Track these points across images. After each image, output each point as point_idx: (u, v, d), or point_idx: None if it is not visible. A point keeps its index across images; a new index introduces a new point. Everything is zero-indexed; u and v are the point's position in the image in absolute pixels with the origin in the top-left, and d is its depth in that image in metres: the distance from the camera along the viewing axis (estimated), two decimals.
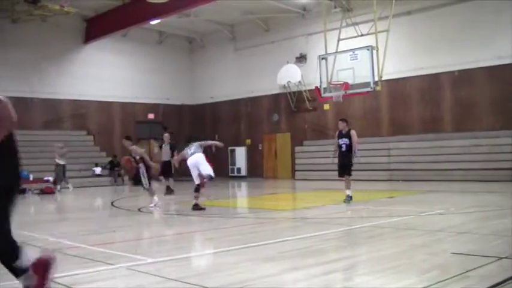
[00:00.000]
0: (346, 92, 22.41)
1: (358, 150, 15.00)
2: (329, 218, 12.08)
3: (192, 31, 34.93)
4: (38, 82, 29.46)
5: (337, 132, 15.21)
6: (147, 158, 15.42)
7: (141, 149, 15.73)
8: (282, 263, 6.97)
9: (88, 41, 31.46)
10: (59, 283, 6.10)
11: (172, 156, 19.26)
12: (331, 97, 23.41)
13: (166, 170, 20.21)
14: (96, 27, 30.83)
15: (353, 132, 14.85)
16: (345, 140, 14.78)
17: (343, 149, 14.82)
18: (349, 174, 14.84)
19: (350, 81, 22.15)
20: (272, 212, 14.11)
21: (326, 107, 28.51)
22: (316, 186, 22.31)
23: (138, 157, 15.16)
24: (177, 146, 20.05)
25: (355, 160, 14.75)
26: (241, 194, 23.38)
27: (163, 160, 20.26)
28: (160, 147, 20.71)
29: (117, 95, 32.39)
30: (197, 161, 14.04)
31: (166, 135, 20.74)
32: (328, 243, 8.76)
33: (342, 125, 14.99)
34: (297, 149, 29.91)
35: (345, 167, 14.82)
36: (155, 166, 17.25)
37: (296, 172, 29.23)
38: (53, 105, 30.17)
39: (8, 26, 27.75)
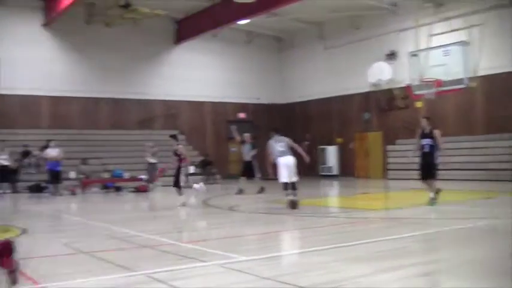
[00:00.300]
0: (438, 89, 21.90)
1: (443, 149, 13.95)
2: (423, 219, 11.85)
3: (281, 30, 34.99)
4: (131, 83, 30.31)
5: (419, 131, 14.21)
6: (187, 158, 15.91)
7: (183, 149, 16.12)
8: (375, 264, 6.89)
9: (178, 42, 32.06)
10: (155, 278, 6.27)
11: (254, 155, 19.58)
12: (423, 94, 22.94)
13: (247, 170, 20.22)
14: (186, 29, 31.38)
15: (437, 132, 13.78)
16: (428, 140, 13.77)
17: (426, 149, 13.79)
18: (434, 178, 13.84)
19: (443, 78, 21.63)
20: (364, 211, 13.96)
21: (418, 104, 27.87)
22: (409, 186, 21.89)
23: (182, 156, 15.72)
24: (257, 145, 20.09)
25: (439, 161, 13.78)
26: (332, 194, 23.24)
27: (244, 160, 20.40)
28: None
29: (208, 95, 32.84)
30: (292, 165, 14.21)
31: (247, 135, 20.84)
32: (422, 244, 8.59)
33: (424, 123, 14.00)
34: (389, 147, 29.42)
35: (428, 170, 13.80)
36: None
37: (388, 171, 28.77)
38: (146, 105, 30.92)
39: (102, 30, 28.66)
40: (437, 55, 21.98)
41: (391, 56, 28.94)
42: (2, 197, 20.96)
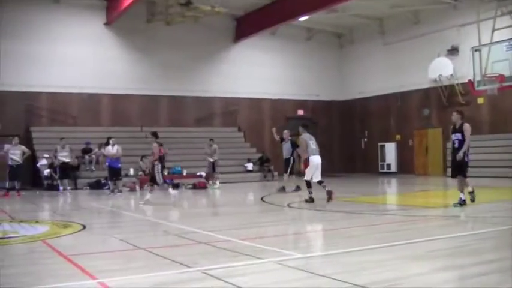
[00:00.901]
0: (501, 85, 21.35)
1: (469, 146, 13.09)
2: (484, 217, 11.56)
3: (340, 26, 34.75)
4: (191, 81, 30.59)
5: (451, 127, 13.55)
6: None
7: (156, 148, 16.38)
8: (432, 262, 6.75)
9: (238, 40, 32.17)
10: (211, 275, 6.27)
11: (293, 153, 19.50)
12: (486, 90, 22.41)
13: (287, 167, 20.15)
14: (246, 26, 31.46)
15: (466, 127, 12.90)
16: (458, 136, 13.00)
17: (456, 145, 13.06)
18: (464, 176, 13.01)
19: (506, 73, 21.08)
20: (423, 209, 13.72)
21: (480, 100, 27.28)
22: (470, 183, 21.43)
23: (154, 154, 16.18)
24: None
25: (469, 158, 13.04)
26: (391, 191, 22.94)
27: (285, 158, 20.37)
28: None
29: (267, 92, 32.86)
30: (320, 165, 15.00)
31: (285, 132, 20.77)
32: (483, 243, 8.36)
33: (455, 118, 13.18)
34: (449, 144, 28.82)
35: (458, 167, 13.05)
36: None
37: (448, 169, 28.16)
38: (205, 103, 31.16)
39: (162, 29, 28.98)
40: (500, 50, 21.46)
41: (453, 51, 28.36)
42: (63, 193, 21.40)
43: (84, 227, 10.80)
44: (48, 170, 23.40)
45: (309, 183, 14.98)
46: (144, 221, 12.40)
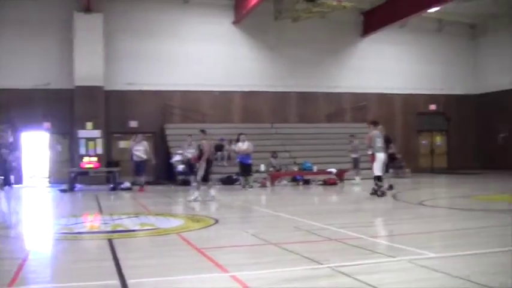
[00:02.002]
0: None
1: None
2: None
3: (474, 16, 33.34)
4: (319, 77, 30.53)
5: None
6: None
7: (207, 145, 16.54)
8: None
9: (366, 34, 31.71)
10: (340, 272, 6.23)
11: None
12: None
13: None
14: (373, 20, 30.93)
15: None
16: None
17: None
18: None
19: None
20: None
21: None
22: None
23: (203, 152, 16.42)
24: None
25: None
26: None
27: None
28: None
29: (397, 87, 32.17)
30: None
31: (381, 127, 20.14)
32: None
33: None
34: None
35: None
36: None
37: None
38: (335, 98, 31.01)
39: (289, 25, 29.14)
40: None
41: None
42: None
43: (216, 221, 11.06)
44: (182, 166, 24.14)
45: (379, 178, 16.14)
46: (274, 217, 12.50)
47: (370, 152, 16.42)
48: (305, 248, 7.89)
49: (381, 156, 16.02)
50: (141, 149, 21.59)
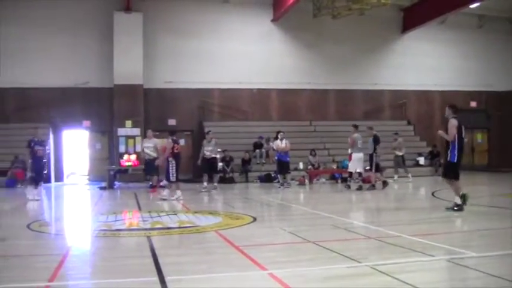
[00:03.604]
0: None
1: None
2: None
3: None
4: (358, 74, 30.33)
5: None
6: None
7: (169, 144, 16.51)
8: None
9: (405, 31, 31.40)
10: (379, 270, 6.20)
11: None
12: None
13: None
14: (413, 17, 30.60)
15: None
16: None
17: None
18: None
19: None
20: None
21: None
22: None
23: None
24: None
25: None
26: None
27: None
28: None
29: (437, 83, 31.75)
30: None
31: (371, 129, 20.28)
32: None
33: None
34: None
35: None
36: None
37: None
38: (373, 96, 30.79)
39: (328, 23, 29.02)
40: None
41: None
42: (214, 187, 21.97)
43: (254, 219, 11.09)
44: (220, 164, 24.25)
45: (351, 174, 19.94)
46: (312, 215, 12.48)
47: (349, 152, 19.96)
48: (343, 246, 7.87)
49: (357, 156, 19.37)
50: (150, 146, 20.23)
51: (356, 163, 19.52)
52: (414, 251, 7.34)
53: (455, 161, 12.02)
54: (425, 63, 31.40)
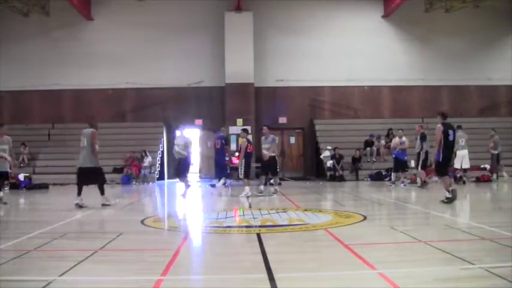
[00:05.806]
0: None
1: None
2: None
3: None
4: (473, 69, 29.37)
5: None
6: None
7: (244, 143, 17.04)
8: None
9: None
10: (494, 273, 6.00)
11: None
12: None
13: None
14: None
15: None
16: None
17: None
18: None
19: None
20: None
21: None
22: None
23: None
24: None
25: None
26: None
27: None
28: None
29: None
30: None
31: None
32: None
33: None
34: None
35: None
36: None
37: None
38: (488, 91, 29.76)
39: (441, 17, 28.49)
40: None
41: None
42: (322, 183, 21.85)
43: (364, 217, 10.99)
44: (331, 162, 24.19)
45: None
46: (425, 214, 12.22)
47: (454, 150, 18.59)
48: (456, 246, 7.65)
49: (461, 153, 20.60)
50: (180, 144, 18.25)
51: (461, 160, 20.72)
52: None
53: (441, 160, 13.61)
54: None
